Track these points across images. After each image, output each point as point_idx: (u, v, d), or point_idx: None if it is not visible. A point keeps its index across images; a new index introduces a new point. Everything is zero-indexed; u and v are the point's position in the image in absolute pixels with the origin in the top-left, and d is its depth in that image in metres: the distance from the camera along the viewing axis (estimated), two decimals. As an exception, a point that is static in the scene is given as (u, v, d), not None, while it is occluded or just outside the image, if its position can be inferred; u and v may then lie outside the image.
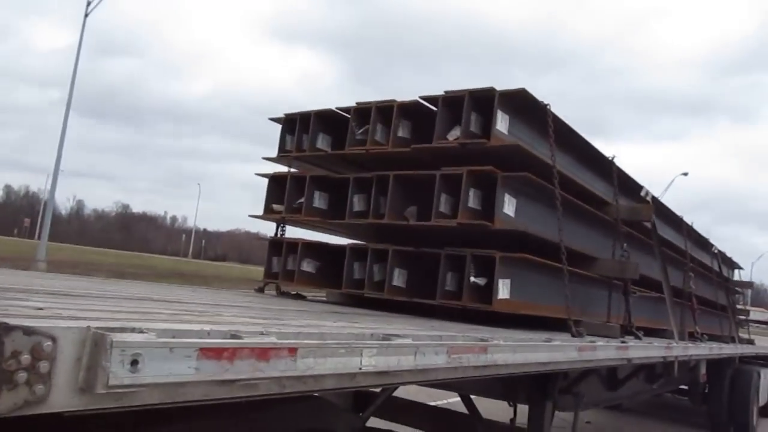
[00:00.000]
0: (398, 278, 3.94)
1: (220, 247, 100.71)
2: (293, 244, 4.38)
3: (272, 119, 4.74)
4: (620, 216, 4.69)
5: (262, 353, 1.42)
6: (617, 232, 4.66)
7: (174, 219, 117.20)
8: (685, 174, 51.25)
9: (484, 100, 3.69)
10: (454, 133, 3.76)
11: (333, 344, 1.62)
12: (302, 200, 4.30)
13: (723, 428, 9.26)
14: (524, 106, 3.79)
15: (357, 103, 4.22)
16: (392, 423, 5.03)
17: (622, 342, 3.89)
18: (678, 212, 7.83)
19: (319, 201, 4.37)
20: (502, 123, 3.61)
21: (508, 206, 3.62)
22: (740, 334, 9.73)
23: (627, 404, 9.47)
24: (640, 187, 5.45)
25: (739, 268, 10.92)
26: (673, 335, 5.48)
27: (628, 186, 5.35)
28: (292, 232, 5.18)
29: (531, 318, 3.97)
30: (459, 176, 3.58)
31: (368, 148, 4.06)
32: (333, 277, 4.27)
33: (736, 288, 10.49)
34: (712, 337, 7.86)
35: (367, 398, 4.97)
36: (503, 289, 3.51)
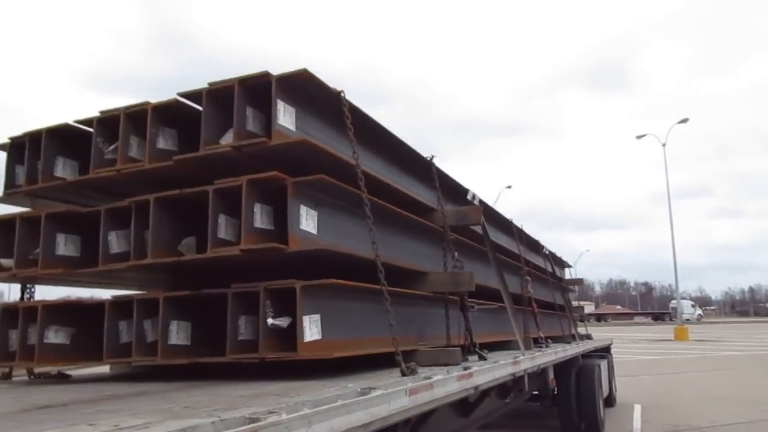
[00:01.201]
0: (178, 334, 2.97)
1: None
2: (32, 310, 3.21)
3: (-9, 146, 3.55)
4: (447, 222, 4.14)
5: None
6: (446, 241, 4.09)
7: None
8: (509, 187, 55.41)
9: (263, 93, 2.90)
10: (229, 137, 2.92)
11: None
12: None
13: (574, 426, 9.27)
14: (314, 96, 3.06)
15: (101, 112, 3.21)
16: None
17: (465, 369, 3.26)
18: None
19: (65, 246, 3.26)
20: (285, 117, 2.84)
21: (307, 221, 2.84)
22: (578, 331, 9.89)
23: (486, 421, 9.13)
24: (466, 191, 5.01)
25: (569, 266, 11.27)
26: (519, 345, 5.05)
27: (453, 190, 4.87)
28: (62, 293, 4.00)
29: (357, 359, 3.20)
30: (238, 189, 2.73)
31: (120, 168, 3.07)
32: (95, 346, 3.17)
33: (569, 286, 10.76)
34: (554, 339, 7.75)
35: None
36: (311, 329, 2.69)
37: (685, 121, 38.03)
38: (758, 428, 9.05)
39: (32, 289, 3.67)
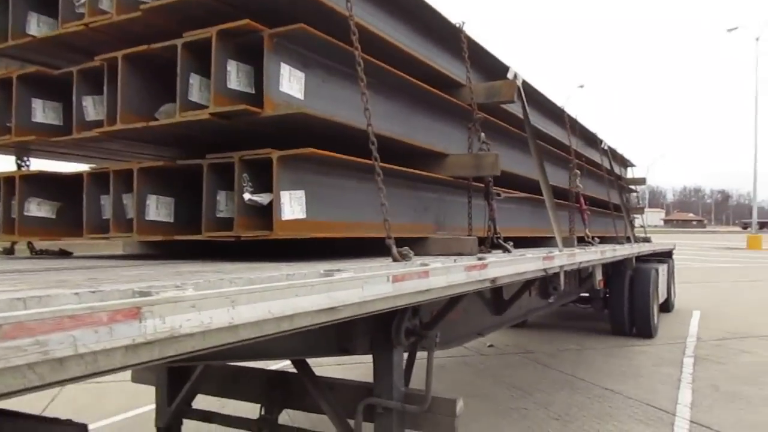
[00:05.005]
0: (158, 210, 2.70)
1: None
2: (11, 180, 3.01)
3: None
4: (475, 99, 3.62)
5: None
6: (473, 120, 3.59)
7: None
8: (581, 86, 52.48)
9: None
10: (202, -19, 2.47)
11: None
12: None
13: (624, 329, 9.00)
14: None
15: (67, -43, 2.80)
16: (220, 398, 3.97)
17: (479, 259, 2.88)
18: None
19: (44, 114, 3.00)
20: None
21: (290, 83, 2.42)
22: (636, 234, 9.29)
23: (531, 320, 8.96)
24: (506, 68, 4.40)
25: (632, 165, 10.45)
26: (558, 242, 4.60)
27: (490, 66, 4.28)
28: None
29: (355, 247, 2.88)
30: (208, 41, 2.33)
31: (88, 21, 2.70)
32: (79, 220, 2.97)
33: (629, 186, 10.02)
34: (606, 240, 7.23)
35: (184, 372, 3.84)
36: (292, 206, 2.35)
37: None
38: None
39: (28, 162, 3.49)
